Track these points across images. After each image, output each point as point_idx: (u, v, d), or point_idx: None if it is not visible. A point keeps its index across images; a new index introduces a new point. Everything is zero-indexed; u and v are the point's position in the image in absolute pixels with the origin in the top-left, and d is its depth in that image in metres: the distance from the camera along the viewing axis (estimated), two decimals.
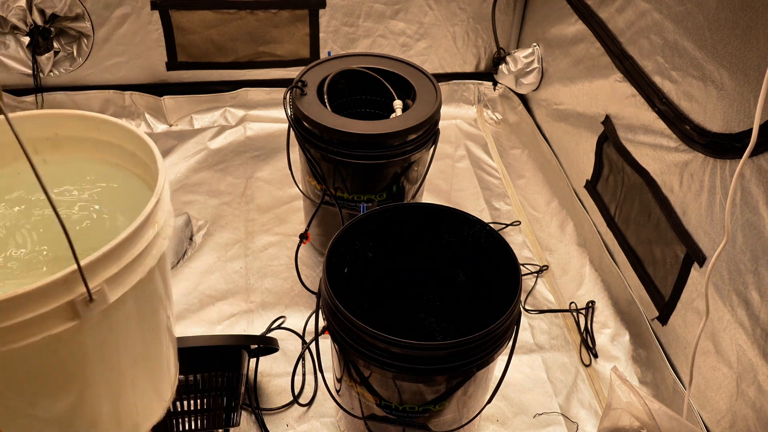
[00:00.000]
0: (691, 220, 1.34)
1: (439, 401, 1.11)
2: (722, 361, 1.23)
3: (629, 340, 1.55)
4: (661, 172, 1.44)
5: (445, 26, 2.21)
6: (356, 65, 1.62)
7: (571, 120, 1.90)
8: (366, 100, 1.68)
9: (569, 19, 1.86)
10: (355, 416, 1.21)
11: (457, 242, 1.29)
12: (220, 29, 2.06)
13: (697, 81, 1.29)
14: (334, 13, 2.10)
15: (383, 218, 1.26)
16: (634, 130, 1.55)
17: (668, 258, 1.42)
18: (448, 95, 2.30)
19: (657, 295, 1.47)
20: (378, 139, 1.42)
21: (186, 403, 1.17)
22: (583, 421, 1.39)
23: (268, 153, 2.04)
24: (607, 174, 1.70)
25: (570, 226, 1.85)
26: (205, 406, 1.18)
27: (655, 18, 1.43)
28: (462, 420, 1.19)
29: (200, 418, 1.18)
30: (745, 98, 1.16)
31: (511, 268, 1.14)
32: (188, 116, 2.16)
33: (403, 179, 1.54)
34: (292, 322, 1.54)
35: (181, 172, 1.97)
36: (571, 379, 1.48)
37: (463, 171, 2.06)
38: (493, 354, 1.06)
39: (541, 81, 2.13)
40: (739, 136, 1.17)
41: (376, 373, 1.07)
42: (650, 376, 1.47)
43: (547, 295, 1.68)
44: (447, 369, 1.02)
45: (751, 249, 1.14)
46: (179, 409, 1.17)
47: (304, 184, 1.62)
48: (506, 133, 2.25)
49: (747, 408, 1.16)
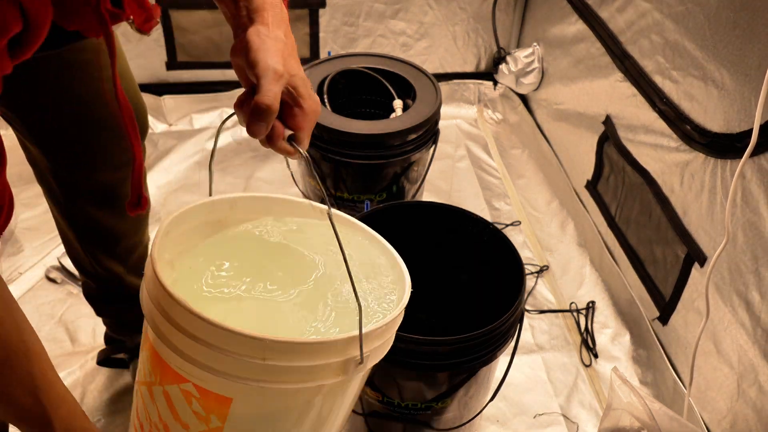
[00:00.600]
0: (691, 220, 1.33)
1: (441, 398, 1.11)
2: (723, 361, 1.23)
3: (630, 340, 1.54)
4: (661, 172, 1.44)
5: (445, 26, 2.21)
6: (356, 65, 1.61)
7: (572, 120, 1.90)
8: (366, 100, 1.68)
9: (570, 18, 1.86)
10: (358, 413, 1.21)
11: (459, 241, 1.29)
12: (220, 29, 2.06)
13: (698, 81, 1.29)
14: (334, 13, 2.10)
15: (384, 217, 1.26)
16: (634, 130, 1.55)
17: (669, 258, 1.42)
18: (449, 95, 2.30)
19: (658, 295, 1.47)
20: (378, 139, 1.42)
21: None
22: (583, 422, 1.39)
23: (268, 153, 2.04)
24: (607, 174, 1.70)
25: (570, 226, 1.85)
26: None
27: (656, 18, 1.43)
28: (463, 418, 1.19)
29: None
30: (745, 98, 1.16)
31: (514, 266, 1.14)
32: (188, 116, 2.15)
33: (403, 179, 1.54)
34: None
35: (181, 172, 1.97)
36: (572, 379, 1.47)
37: (463, 171, 2.06)
38: (496, 351, 1.06)
39: (542, 81, 2.13)
40: (740, 136, 1.17)
41: (379, 370, 1.07)
42: (651, 376, 1.47)
43: (547, 295, 1.68)
44: (450, 365, 1.03)
45: (752, 249, 1.14)
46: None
47: (304, 184, 1.62)
48: (506, 133, 2.25)
49: (748, 408, 1.16)
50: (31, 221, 1.74)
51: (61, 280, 1.59)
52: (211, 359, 0.62)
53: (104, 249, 1.21)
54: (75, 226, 1.17)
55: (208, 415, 0.68)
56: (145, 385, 0.73)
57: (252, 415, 0.69)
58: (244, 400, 0.67)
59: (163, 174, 1.95)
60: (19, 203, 1.80)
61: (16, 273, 1.61)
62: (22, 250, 1.67)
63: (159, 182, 1.92)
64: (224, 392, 0.66)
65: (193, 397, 0.68)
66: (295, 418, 0.72)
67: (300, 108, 0.66)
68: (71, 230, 1.18)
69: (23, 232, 1.72)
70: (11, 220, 0.67)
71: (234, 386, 0.65)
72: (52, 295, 1.57)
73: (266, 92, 0.61)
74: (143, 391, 0.74)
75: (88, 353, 1.44)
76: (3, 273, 1.61)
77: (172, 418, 0.70)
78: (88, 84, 1.00)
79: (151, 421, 0.73)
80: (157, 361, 0.69)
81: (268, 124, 0.62)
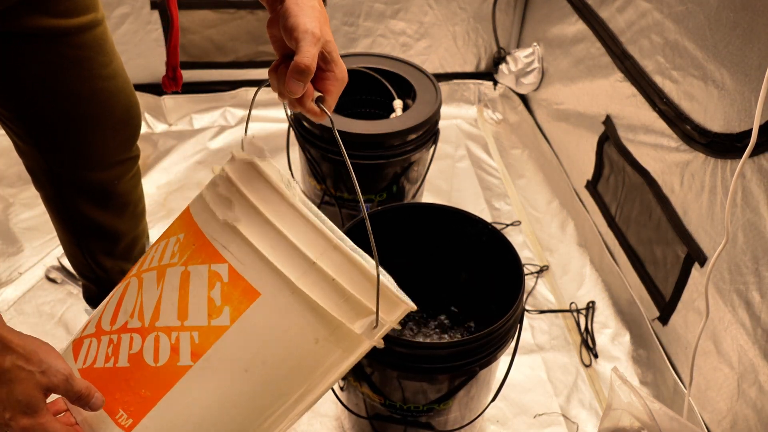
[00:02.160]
0: (691, 220, 1.33)
1: (443, 400, 1.11)
2: (723, 361, 1.23)
3: (630, 340, 1.54)
4: (661, 172, 1.44)
5: (445, 26, 2.20)
6: (356, 65, 1.61)
7: (572, 120, 1.90)
8: (366, 100, 1.68)
9: (570, 18, 1.86)
10: (360, 416, 1.21)
11: (459, 242, 1.29)
12: (220, 29, 2.06)
13: (698, 81, 1.29)
14: (334, 13, 2.10)
15: (385, 218, 1.26)
16: (634, 130, 1.55)
17: (669, 258, 1.42)
18: (449, 95, 2.30)
19: (658, 296, 1.47)
20: (378, 139, 1.42)
21: None
22: (583, 422, 1.39)
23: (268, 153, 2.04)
24: (607, 174, 1.70)
25: (570, 226, 1.85)
26: None
27: (656, 18, 1.43)
28: (465, 419, 1.19)
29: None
30: (745, 98, 1.16)
31: (514, 267, 1.14)
32: (188, 116, 2.15)
33: (403, 179, 1.54)
34: None
35: (181, 172, 1.97)
36: (572, 379, 1.47)
37: (463, 171, 2.06)
38: (497, 353, 1.06)
39: (542, 81, 2.13)
40: (740, 136, 1.17)
41: (381, 373, 1.07)
42: (651, 376, 1.47)
43: (547, 295, 1.68)
44: (450, 368, 1.03)
45: (752, 249, 1.14)
46: None
47: (304, 184, 1.62)
48: (506, 133, 2.25)
49: (748, 409, 1.16)
50: (31, 221, 1.74)
51: (61, 280, 1.59)
52: (267, 242, 0.66)
53: (103, 249, 1.21)
54: (73, 228, 1.17)
55: (222, 306, 0.68)
56: (153, 270, 0.72)
57: (261, 330, 0.68)
58: (268, 303, 0.67)
59: (163, 174, 1.95)
60: (18, 203, 1.79)
61: (16, 273, 1.61)
62: (22, 250, 1.67)
63: (159, 182, 1.92)
64: (257, 284, 0.67)
65: (220, 281, 0.67)
66: (294, 362, 0.71)
67: (331, 72, 0.71)
68: (70, 233, 1.19)
69: (23, 232, 1.72)
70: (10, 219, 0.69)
71: (270, 281, 0.67)
72: (52, 295, 1.57)
73: (306, 53, 0.65)
74: (144, 278, 0.73)
75: None
76: (3, 273, 1.61)
77: (174, 303, 0.69)
78: (84, 81, 1.00)
79: (135, 310, 0.72)
80: (194, 239, 0.70)
81: (305, 84, 0.67)
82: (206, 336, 0.68)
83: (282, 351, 0.70)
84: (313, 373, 0.74)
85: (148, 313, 0.70)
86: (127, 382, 0.69)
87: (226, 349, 0.68)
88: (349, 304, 0.70)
